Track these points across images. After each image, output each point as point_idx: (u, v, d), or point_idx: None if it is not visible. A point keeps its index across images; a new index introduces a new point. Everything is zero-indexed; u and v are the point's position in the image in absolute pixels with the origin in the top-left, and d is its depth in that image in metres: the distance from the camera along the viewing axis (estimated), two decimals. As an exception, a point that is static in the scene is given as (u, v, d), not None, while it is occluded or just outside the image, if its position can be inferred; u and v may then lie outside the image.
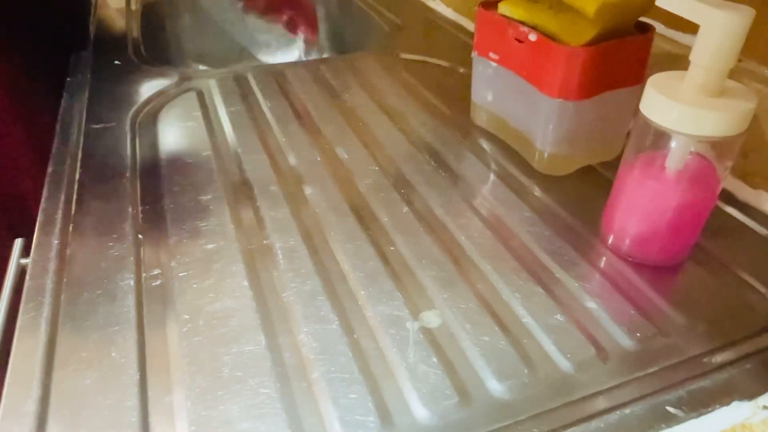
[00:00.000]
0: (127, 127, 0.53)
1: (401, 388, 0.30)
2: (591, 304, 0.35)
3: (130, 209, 0.42)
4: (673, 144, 0.34)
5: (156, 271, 0.37)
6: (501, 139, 0.52)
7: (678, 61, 0.46)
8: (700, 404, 0.29)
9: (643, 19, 0.43)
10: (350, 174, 0.47)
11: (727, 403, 0.29)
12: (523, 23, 0.44)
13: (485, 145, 0.52)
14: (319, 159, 0.49)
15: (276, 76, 0.64)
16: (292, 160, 0.49)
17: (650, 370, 0.31)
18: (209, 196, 0.44)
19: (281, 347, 0.32)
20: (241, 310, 0.34)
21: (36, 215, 0.41)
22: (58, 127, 0.53)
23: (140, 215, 0.42)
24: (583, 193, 0.45)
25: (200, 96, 0.59)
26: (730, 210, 0.43)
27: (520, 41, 0.44)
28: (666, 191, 0.35)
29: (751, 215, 0.42)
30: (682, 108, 0.31)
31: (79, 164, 0.47)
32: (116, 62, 0.66)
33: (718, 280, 0.37)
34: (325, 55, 1.02)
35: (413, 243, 0.40)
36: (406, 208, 0.43)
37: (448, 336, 0.33)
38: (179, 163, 0.48)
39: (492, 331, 0.33)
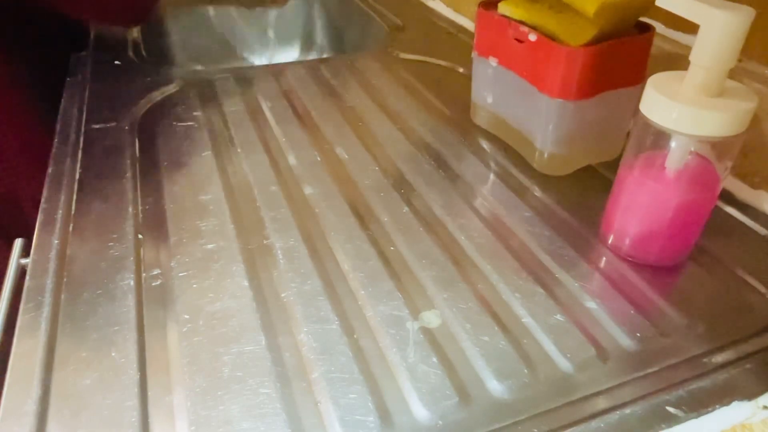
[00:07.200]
0: (127, 127, 0.53)
1: (401, 388, 0.30)
2: (591, 304, 0.35)
3: (130, 209, 0.42)
4: (673, 144, 0.34)
5: (156, 271, 0.37)
6: (501, 139, 0.52)
7: (678, 61, 0.46)
8: (700, 404, 0.29)
9: (643, 19, 0.43)
10: (350, 174, 0.47)
11: (727, 403, 0.29)
12: (523, 23, 0.44)
13: (485, 145, 0.52)
14: (319, 159, 0.49)
15: (276, 76, 0.64)
16: (292, 160, 0.49)
17: (650, 370, 0.31)
18: (209, 196, 0.44)
19: (281, 347, 0.32)
20: (241, 310, 0.34)
21: (32, 216, 0.41)
22: (58, 127, 0.53)
23: (140, 215, 0.42)
24: (583, 193, 0.45)
25: (200, 96, 0.59)
26: (730, 210, 0.43)
27: (520, 41, 0.44)
28: (666, 191, 0.35)
29: (751, 215, 0.42)
30: (682, 108, 0.31)
31: (79, 164, 0.47)
32: (116, 62, 0.66)
33: (718, 280, 0.37)
34: (325, 55, 1.02)
35: (413, 243, 0.40)
36: (406, 208, 0.43)
37: (448, 336, 0.33)
38: (179, 163, 0.48)
39: (492, 331, 0.33)
